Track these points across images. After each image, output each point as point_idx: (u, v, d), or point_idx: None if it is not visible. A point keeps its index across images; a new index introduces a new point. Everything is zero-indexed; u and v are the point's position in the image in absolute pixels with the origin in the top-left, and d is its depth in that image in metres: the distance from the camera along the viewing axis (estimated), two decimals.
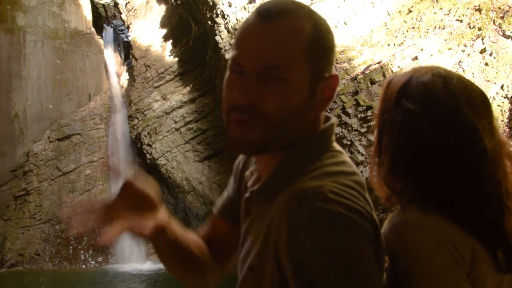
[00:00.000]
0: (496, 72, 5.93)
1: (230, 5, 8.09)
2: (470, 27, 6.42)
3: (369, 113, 6.45)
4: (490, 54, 6.07)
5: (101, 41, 13.50)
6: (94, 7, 13.83)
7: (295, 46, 0.84)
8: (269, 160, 0.91)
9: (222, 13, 8.22)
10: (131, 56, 12.38)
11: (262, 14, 0.86)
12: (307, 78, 0.85)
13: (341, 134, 6.67)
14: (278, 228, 0.79)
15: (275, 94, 0.83)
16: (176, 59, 11.06)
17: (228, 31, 8.26)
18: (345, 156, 0.90)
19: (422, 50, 6.44)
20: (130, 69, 13.01)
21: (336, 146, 0.92)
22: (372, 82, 6.49)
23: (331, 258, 0.72)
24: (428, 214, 0.96)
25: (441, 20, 6.69)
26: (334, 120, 0.95)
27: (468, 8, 6.60)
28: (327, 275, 0.72)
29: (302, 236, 0.74)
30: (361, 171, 6.22)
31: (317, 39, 0.86)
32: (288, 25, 0.84)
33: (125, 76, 13.62)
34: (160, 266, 11.06)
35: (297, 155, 0.88)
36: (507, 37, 6.14)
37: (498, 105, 5.74)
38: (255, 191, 0.92)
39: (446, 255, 0.91)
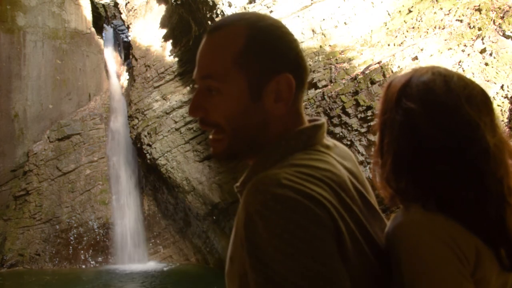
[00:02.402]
0: (496, 72, 5.93)
1: (230, 5, 8.09)
2: (470, 27, 6.42)
3: (369, 113, 6.45)
4: (490, 54, 6.07)
5: (101, 41, 13.50)
6: (94, 7, 13.84)
7: (223, 53, 0.90)
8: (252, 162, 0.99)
9: (222, 13, 8.22)
10: (131, 56, 12.37)
11: (208, 29, 0.95)
12: (243, 82, 0.90)
13: (341, 134, 6.67)
14: (239, 214, 0.83)
15: (216, 106, 0.91)
16: (176, 59, 11.06)
17: None
18: (327, 157, 0.91)
19: (422, 50, 6.45)
20: (130, 69, 13.01)
21: (323, 148, 0.93)
22: (372, 82, 6.49)
23: (281, 242, 0.75)
24: (432, 214, 0.96)
25: (441, 20, 6.69)
26: (320, 122, 0.96)
27: (468, 8, 6.60)
28: (278, 259, 0.75)
29: (255, 219, 0.77)
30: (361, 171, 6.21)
31: (251, 44, 0.90)
32: (221, 35, 0.91)
33: (125, 76, 13.62)
34: (160, 266, 11.11)
35: (270, 152, 0.92)
36: (507, 37, 6.14)
37: (498, 105, 5.74)
38: (238, 185, 0.98)
39: (450, 256, 0.91)
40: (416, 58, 6.38)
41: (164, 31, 11.43)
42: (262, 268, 0.76)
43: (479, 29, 6.32)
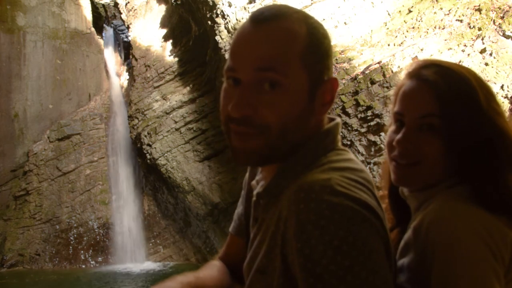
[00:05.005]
0: (496, 72, 5.93)
1: (230, 5, 8.09)
2: (470, 27, 6.42)
3: (369, 113, 6.45)
4: (490, 54, 6.07)
5: (101, 41, 13.50)
6: (94, 7, 13.83)
7: (290, 47, 0.82)
8: (273, 165, 0.90)
9: (222, 13, 8.22)
10: (131, 56, 12.38)
11: (255, 18, 0.85)
12: (305, 82, 0.84)
13: (341, 134, 6.66)
14: (286, 222, 0.77)
15: (272, 104, 0.81)
16: (176, 59, 11.06)
17: (228, 31, 8.26)
18: (351, 154, 0.90)
19: (422, 50, 6.45)
20: (130, 69, 13.01)
21: (342, 146, 0.92)
22: (372, 82, 6.48)
23: (338, 254, 0.71)
24: (469, 207, 0.95)
25: (441, 20, 6.69)
26: (338, 120, 0.94)
27: (468, 8, 6.60)
28: (334, 271, 0.71)
29: (309, 229, 0.73)
30: None
31: (312, 43, 0.85)
32: (282, 27, 0.83)
33: (125, 76, 13.62)
34: (160, 266, 11.11)
35: (303, 153, 0.86)
36: (507, 37, 6.14)
37: None
38: (261, 192, 0.90)
39: (486, 253, 0.89)
40: (416, 58, 6.37)
41: (164, 31, 11.43)
42: (317, 282, 0.71)
43: (479, 29, 6.32)
